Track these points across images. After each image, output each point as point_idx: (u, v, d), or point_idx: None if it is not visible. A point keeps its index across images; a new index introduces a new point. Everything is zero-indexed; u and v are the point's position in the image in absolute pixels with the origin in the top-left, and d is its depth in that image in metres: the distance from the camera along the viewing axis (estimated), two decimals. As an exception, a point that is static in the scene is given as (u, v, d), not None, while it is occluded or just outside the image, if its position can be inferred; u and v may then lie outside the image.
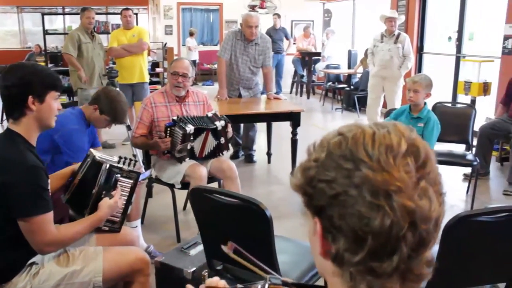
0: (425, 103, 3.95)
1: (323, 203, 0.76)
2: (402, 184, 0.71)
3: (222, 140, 3.74)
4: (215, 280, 1.14)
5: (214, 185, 3.99)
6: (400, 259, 0.72)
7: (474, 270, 2.21)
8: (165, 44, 11.35)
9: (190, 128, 3.49)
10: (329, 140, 0.79)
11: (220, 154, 3.81)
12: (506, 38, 6.60)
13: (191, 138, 3.55)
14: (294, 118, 4.91)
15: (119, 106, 3.22)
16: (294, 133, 4.96)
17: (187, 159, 3.62)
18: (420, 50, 8.56)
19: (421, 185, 0.73)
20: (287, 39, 11.12)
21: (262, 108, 5.19)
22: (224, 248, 1.19)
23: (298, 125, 4.94)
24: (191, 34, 13.31)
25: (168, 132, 3.57)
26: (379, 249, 0.72)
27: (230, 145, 5.87)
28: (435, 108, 4.86)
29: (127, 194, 2.37)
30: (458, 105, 5.55)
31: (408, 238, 0.71)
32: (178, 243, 3.68)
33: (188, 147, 3.56)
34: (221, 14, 12.92)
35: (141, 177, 2.81)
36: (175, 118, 3.59)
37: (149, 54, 10.64)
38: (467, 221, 1.99)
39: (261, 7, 12.36)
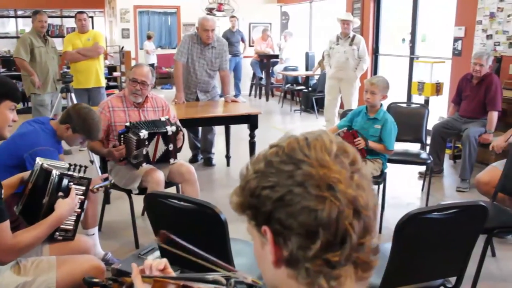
0: (381, 105, 4.02)
1: (270, 208, 0.79)
2: (340, 177, 0.78)
3: (171, 146, 3.69)
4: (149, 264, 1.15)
5: (173, 189, 3.97)
6: (351, 247, 0.77)
7: (426, 266, 2.27)
8: (122, 47, 11.21)
9: (144, 133, 3.45)
10: (265, 153, 0.84)
11: (169, 161, 3.75)
12: (455, 40, 6.81)
13: (146, 143, 3.51)
14: (251, 121, 4.94)
15: (93, 124, 3.08)
16: (252, 136, 4.98)
17: (144, 164, 3.58)
18: (375, 52, 8.74)
19: (355, 178, 0.79)
20: (243, 42, 11.15)
21: (220, 111, 5.19)
22: (156, 239, 1.18)
23: (256, 127, 4.97)
24: (149, 38, 13.18)
25: (122, 139, 3.52)
26: (331, 240, 0.76)
27: (189, 149, 5.93)
28: (390, 108, 4.97)
29: (79, 201, 2.32)
30: (412, 105, 5.68)
31: (355, 225, 0.77)
32: (136, 249, 3.63)
33: (144, 152, 3.52)
34: (178, 17, 12.83)
35: (99, 185, 2.76)
36: (127, 124, 3.53)
37: (106, 58, 10.47)
38: (418, 218, 2.05)
39: (219, 10, 12.33)
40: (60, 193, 2.22)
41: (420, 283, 2.33)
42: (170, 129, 3.63)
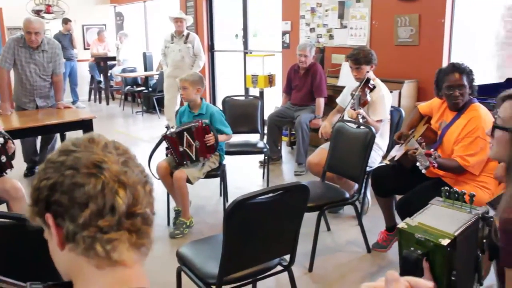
0: (201, 99, 4.09)
1: (47, 193, 0.91)
2: (106, 158, 0.92)
3: (3, 158, 3.41)
4: None
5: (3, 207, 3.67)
6: (121, 214, 0.90)
7: (261, 248, 2.38)
8: None
9: None
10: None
11: (4, 173, 3.48)
12: (283, 33, 7.23)
13: None
14: (86, 126, 4.75)
15: None
16: (88, 141, 4.80)
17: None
18: (211, 49, 8.92)
19: (121, 160, 0.95)
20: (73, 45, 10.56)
21: (51, 119, 4.89)
22: None
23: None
24: (-32, 44, 11.96)
25: None
26: (101, 208, 0.89)
27: (24, 162, 5.51)
28: (225, 102, 5.11)
29: None
30: (249, 98, 5.90)
31: (122, 195, 0.91)
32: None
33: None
34: (1, 20, 11.80)
35: None
36: None
37: None
38: (245, 204, 2.13)
39: (48, 12, 11.63)
40: None
41: (258, 266, 2.44)
42: None
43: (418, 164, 2.79)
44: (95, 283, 0.91)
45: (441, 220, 1.43)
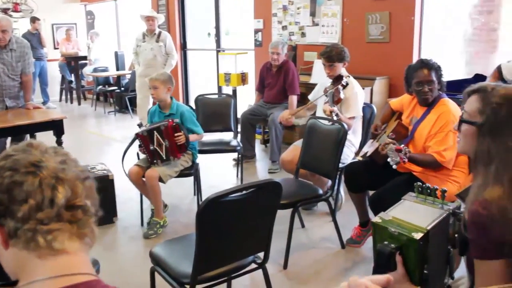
0: (171, 98, 4.06)
1: None
2: (43, 158, 0.99)
3: None
4: None
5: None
6: (60, 206, 0.96)
7: (234, 247, 2.37)
8: None
9: None
10: None
11: None
12: (256, 31, 7.22)
13: None
14: (57, 126, 4.67)
15: None
16: (59, 142, 4.71)
17: None
18: (183, 47, 8.85)
19: (59, 159, 1.01)
20: (42, 44, 10.37)
21: (22, 119, 4.78)
22: None
23: (62, 133, 4.71)
24: None
25: None
26: (40, 202, 0.94)
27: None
28: (198, 100, 5.08)
29: None
30: (222, 96, 5.87)
31: (60, 190, 0.96)
32: None
33: None
34: (-33, 20, 11.51)
35: None
36: None
37: None
38: (217, 202, 2.11)
39: (16, 11, 11.39)
40: None
41: (232, 264, 2.42)
42: None
43: (389, 159, 2.81)
44: (37, 273, 0.95)
45: (414, 214, 1.45)
